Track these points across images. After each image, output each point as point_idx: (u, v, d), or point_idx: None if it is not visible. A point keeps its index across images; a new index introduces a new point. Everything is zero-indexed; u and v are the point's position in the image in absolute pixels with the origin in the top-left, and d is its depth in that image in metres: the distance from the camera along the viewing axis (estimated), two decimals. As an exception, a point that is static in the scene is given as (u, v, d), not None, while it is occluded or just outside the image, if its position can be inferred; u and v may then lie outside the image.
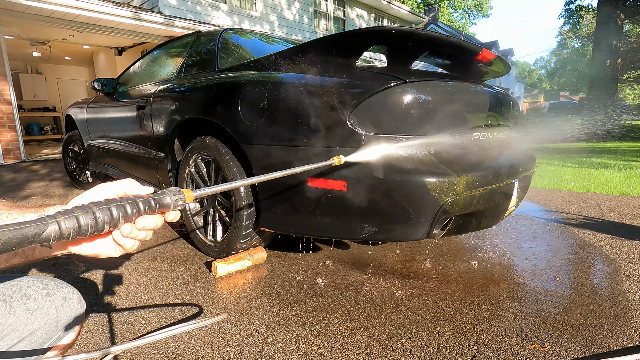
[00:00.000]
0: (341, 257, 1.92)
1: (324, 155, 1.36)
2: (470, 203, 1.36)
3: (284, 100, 1.45)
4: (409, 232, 1.33)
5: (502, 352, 1.15)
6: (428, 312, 1.39)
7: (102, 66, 9.08)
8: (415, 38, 1.40)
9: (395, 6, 11.71)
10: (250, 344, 1.20)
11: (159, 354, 1.16)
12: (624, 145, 7.72)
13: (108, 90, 2.89)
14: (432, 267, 1.80)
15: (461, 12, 40.43)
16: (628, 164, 4.88)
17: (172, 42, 2.68)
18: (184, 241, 2.17)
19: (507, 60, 1.78)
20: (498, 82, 23.43)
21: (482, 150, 1.64)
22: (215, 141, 1.77)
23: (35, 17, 5.50)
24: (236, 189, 1.66)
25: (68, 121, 3.77)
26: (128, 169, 2.73)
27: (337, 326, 1.30)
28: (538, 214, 2.76)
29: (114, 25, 6.16)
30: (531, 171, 1.84)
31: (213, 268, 1.68)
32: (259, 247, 1.84)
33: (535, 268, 1.77)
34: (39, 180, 4.16)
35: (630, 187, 3.47)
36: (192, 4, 7.25)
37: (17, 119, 5.51)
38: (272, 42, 2.50)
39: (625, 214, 2.67)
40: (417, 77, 1.33)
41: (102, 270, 1.78)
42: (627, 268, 1.76)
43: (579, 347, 1.16)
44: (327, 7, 10.26)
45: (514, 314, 1.36)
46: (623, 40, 10.21)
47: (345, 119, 1.31)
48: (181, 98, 2.01)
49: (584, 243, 2.12)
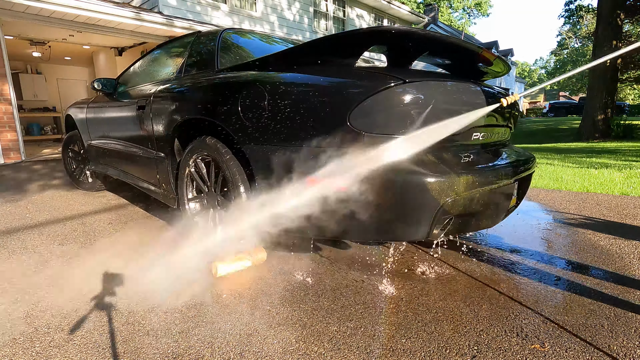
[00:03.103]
0: (341, 257, 1.92)
1: (324, 155, 1.36)
2: (470, 203, 1.36)
3: (284, 100, 1.45)
4: (409, 232, 1.33)
5: (502, 352, 1.15)
6: (428, 312, 1.39)
7: (102, 66, 9.08)
8: (415, 38, 1.40)
9: (395, 6, 11.71)
10: (250, 344, 1.20)
11: (159, 354, 1.16)
12: (624, 145, 7.73)
13: (108, 91, 2.89)
14: (432, 267, 1.80)
15: (461, 12, 40.45)
16: (628, 164, 4.88)
17: (172, 42, 2.68)
18: (184, 241, 2.17)
19: (507, 60, 1.78)
20: (498, 82, 23.42)
21: (482, 150, 1.64)
22: (215, 141, 1.77)
23: (35, 17, 5.50)
24: (235, 188, 1.66)
25: (68, 121, 3.77)
26: (128, 169, 2.73)
27: (337, 326, 1.30)
28: (538, 214, 2.76)
29: (114, 26, 6.16)
30: (531, 171, 1.84)
31: (213, 268, 1.68)
32: (259, 247, 1.84)
33: (535, 268, 1.77)
34: (39, 180, 4.16)
35: (630, 187, 3.47)
36: (191, 4, 7.25)
37: (17, 119, 5.50)
38: (272, 42, 2.50)
39: (625, 214, 2.67)
40: (417, 77, 1.33)
41: (103, 270, 1.78)
42: (627, 268, 1.76)
43: (579, 347, 1.16)
44: (327, 7, 10.26)
45: (514, 314, 1.36)
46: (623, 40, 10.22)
47: (345, 119, 1.31)
48: (181, 98, 2.01)
49: (584, 243, 2.11)
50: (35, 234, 2.34)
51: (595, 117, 9.56)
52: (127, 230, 2.41)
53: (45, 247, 2.09)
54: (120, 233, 2.34)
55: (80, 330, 1.29)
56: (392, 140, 1.30)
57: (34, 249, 2.07)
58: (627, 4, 9.94)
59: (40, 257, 1.96)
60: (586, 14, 24.61)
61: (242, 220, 1.66)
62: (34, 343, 1.22)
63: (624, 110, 19.94)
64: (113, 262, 1.88)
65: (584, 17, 25.64)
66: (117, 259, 1.92)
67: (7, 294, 1.56)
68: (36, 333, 1.27)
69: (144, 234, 2.31)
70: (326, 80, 1.40)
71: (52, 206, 3.03)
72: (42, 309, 1.43)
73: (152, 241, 2.18)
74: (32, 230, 2.40)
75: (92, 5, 5.46)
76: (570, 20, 29.28)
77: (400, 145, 1.31)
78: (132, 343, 1.21)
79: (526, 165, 1.75)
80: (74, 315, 1.38)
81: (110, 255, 1.97)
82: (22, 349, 1.19)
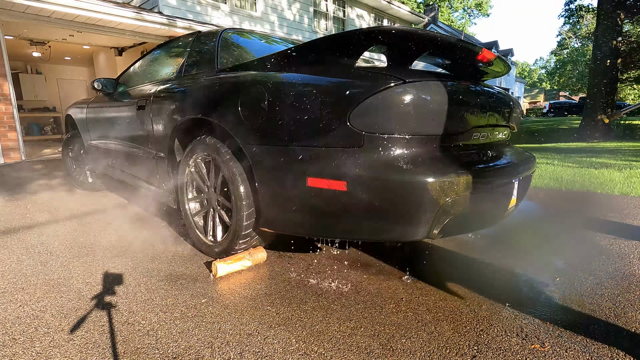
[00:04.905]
0: (341, 257, 1.92)
1: (324, 156, 1.36)
2: (470, 203, 1.36)
3: (284, 100, 1.45)
4: (408, 232, 1.33)
5: (502, 352, 1.15)
6: (428, 312, 1.39)
7: (102, 66, 9.08)
8: (415, 38, 1.40)
9: (395, 6, 11.71)
10: (250, 344, 1.20)
11: (159, 354, 1.16)
12: (624, 145, 7.72)
13: (108, 91, 2.89)
14: (432, 267, 1.80)
15: (461, 12, 40.45)
16: (628, 164, 4.88)
17: (172, 42, 2.68)
18: (184, 241, 2.17)
19: (507, 60, 1.78)
20: (498, 82, 23.43)
21: (481, 150, 1.64)
22: (215, 141, 1.77)
23: (35, 17, 5.50)
24: (235, 188, 1.66)
25: (68, 121, 3.77)
26: (128, 169, 2.73)
27: (337, 326, 1.30)
28: (538, 214, 2.76)
29: (114, 26, 6.16)
30: (531, 171, 1.84)
31: (213, 268, 1.68)
32: (259, 247, 1.85)
33: (535, 268, 1.77)
34: (39, 180, 4.16)
35: (630, 187, 3.46)
36: (192, 4, 7.25)
37: (17, 119, 5.50)
38: (272, 42, 2.50)
39: (625, 214, 2.67)
40: (417, 77, 1.33)
41: (103, 270, 1.78)
42: (628, 268, 1.76)
43: (579, 347, 1.16)
44: (327, 7, 10.26)
45: (514, 314, 1.36)
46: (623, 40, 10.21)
47: (345, 119, 1.31)
48: (181, 98, 2.01)
49: (584, 243, 2.11)
50: (35, 234, 2.34)
51: (595, 117, 9.55)
52: (126, 230, 2.40)
53: (45, 247, 2.09)
54: (120, 233, 2.34)
55: (80, 330, 1.29)
56: (392, 140, 1.30)
57: (34, 248, 2.08)
58: (627, 4, 9.93)
59: (40, 257, 1.96)
60: (586, 13, 24.60)
61: (242, 220, 1.66)
62: (34, 343, 1.22)
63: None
64: (113, 262, 1.88)
65: (584, 17, 25.64)
66: (117, 259, 1.92)
67: (7, 293, 1.56)
68: (36, 333, 1.27)
69: (144, 234, 2.31)
70: (326, 80, 1.40)
71: (52, 206, 3.03)
72: (42, 309, 1.43)
73: (152, 241, 2.18)
74: (32, 230, 2.40)
75: (92, 5, 5.46)
76: (570, 20, 29.28)
77: (400, 145, 1.31)
78: (132, 343, 1.21)
79: (526, 165, 1.75)
80: (74, 315, 1.38)
81: (110, 255, 1.97)
82: (22, 349, 1.19)
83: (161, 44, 2.83)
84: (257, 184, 1.58)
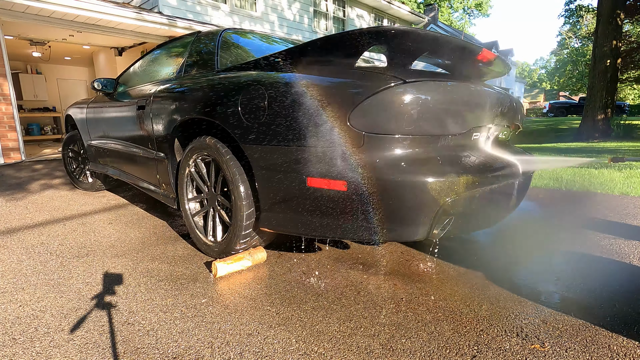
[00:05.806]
0: (341, 257, 1.92)
1: (324, 156, 1.36)
2: (470, 203, 1.36)
3: (284, 100, 1.45)
4: (409, 232, 1.33)
5: (502, 352, 1.15)
6: (428, 312, 1.39)
7: (102, 66, 9.07)
8: (415, 38, 1.40)
9: (395, 6, 11.71)
10: (250, 344, 1.20)
11: (159, 354, 1.16)
12: (624, 145, 7.72)
13: (108, 91, 2.89)
14: (432, 267, 1.80)
15: (461, 12, 40.45)
16: (628, 164, 4.88)
17: (172, 42, 2.68)
18: (184, 241, 2.17)
19: (507, 60, 1.78)
20: (498, 82, 23.43)
21: (482, 150, 1.64)
22: (215, 141, 1.77)
23: (35, 17, 5.50)
24: (235, 188, 1.66)
25: (68, 121, 3.77)
26: (128, 169, 2.73)
27: (337, 326, 1.30)
28: (538, 214, 2.76)
29: (114, 26, 6.16)
30: (531, 171, 1.84)
31: (213, 268, 1.68)
32: (259, 247, 1.85)
33: (535, 268, 1.77)
34: (39, 180, 4.16)
35: (630, 187, 3.46)
36: (192, 4, 7.25)
37: (17, 119, 5.50)
38: (272, 42, 2.50)
39: (625, 214, 2.67)
40: (417, 77, 1.33)
41: (103, 270, 1.78)
42: (627, 268, 1.76)
43: (579, 347, 1.16)
44: (327, 7, 10.26)
45: (514, 314, 1.36)
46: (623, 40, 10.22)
47: (345, 119, 1.31)
48: (181, 98, 2.01)
49: (584, 243, 2.11)
50: (35, 234, 2.34)
51: (595, 117, 9.55)
52: (126, 230, 2.41)
53: (45, 247, 2.09)
54: (120, 233, 2.34)
55: (80, 330, 1.29)
56: (392, 140, 1.30)
57: (34, 248, 2.08)
58: (627, 4, 9.94)
59: (40, 257, 1.96)
60: (586, 13, 24.60)
61: (242, 220, 1.66)
62: (34, 343, 1.22)
63: (624, 110, 19.94)
64: (113, 262, 1.88)
65: (584, 17, 25.65)
66: (117, 259, 1.92)
67: (7, 293, 1.56)
68: (36, 333, 1.27)
69: (144, 234, 2.31)
70: (326, 80, 1.40)
71: (52, 206, 3.03)
72: (42, 309, 1.43)
73: (152, 241, 2.18)
74: (32, 230, 2.40)
75: (92, 5, 5.46)
76: (570, 20, 29.30)
77: (400, 145, 1.31)
78: (132, 343, 1.21)
79: (526, 165, 1.75)
80: (74, 315, 1.38)
81: (110, 255, 1.97)
82: (22, 349, 1.19)
83: (161, 44, 2.83)
84: (257, 184, 1.58)
